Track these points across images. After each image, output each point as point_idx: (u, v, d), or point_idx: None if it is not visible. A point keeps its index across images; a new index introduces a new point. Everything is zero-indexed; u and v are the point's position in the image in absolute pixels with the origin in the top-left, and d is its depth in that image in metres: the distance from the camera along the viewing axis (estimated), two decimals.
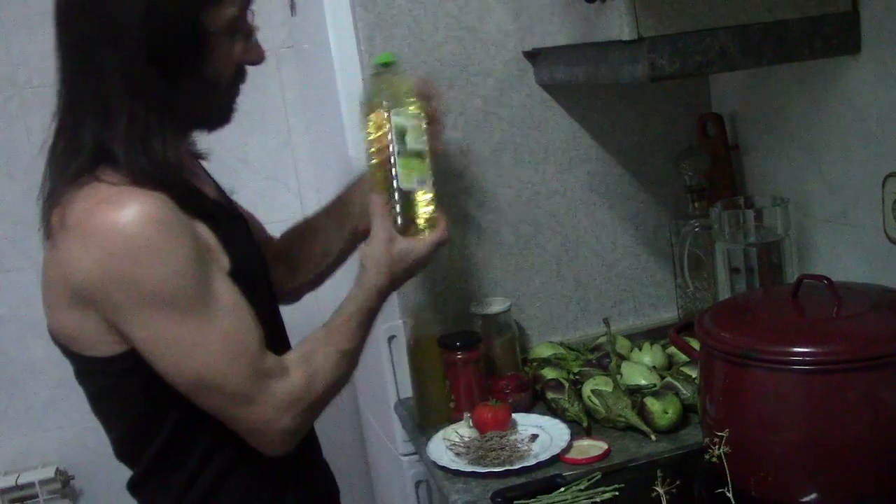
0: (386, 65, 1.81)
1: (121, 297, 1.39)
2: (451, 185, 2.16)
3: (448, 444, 1.84)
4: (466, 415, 1.88)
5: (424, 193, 1.76)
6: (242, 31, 1.51)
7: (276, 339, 1.65)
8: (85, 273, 1.38)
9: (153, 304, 1.39)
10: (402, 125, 1.74)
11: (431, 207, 1.76)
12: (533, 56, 2.16)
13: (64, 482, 2.84)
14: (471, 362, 1.96)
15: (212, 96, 1.52)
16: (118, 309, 1.40)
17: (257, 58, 1.55)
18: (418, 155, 1.77)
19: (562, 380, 1.95)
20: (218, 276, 1.46)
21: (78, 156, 1.44)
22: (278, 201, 2.86)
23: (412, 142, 1.76)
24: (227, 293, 1.46)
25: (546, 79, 2.14)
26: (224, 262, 1.50)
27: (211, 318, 1.43)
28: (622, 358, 2.01)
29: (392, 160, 1.75)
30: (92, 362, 1.48)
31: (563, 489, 1.62)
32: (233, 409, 1.47)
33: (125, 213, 1.36)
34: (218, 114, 1.57)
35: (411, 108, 1.77)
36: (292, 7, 1.78)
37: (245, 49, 1.52)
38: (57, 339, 1.52)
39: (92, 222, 1.38)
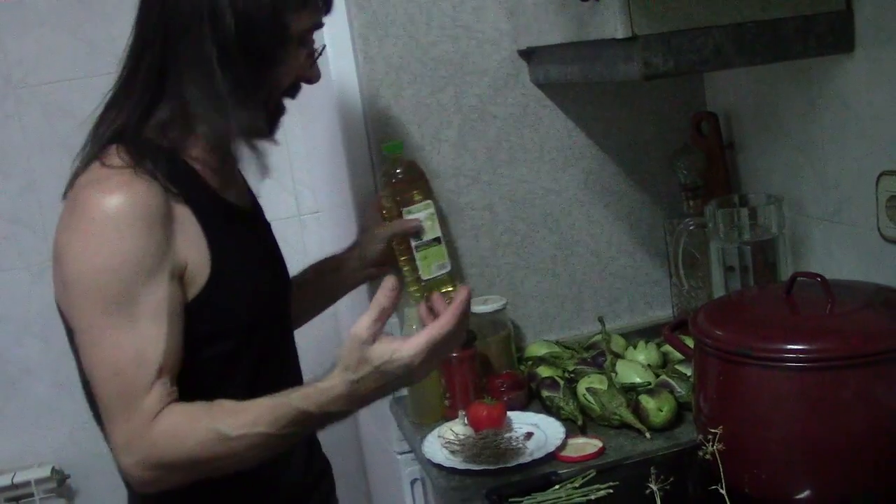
0: (392, 150, 2.01)
1: (67, 271, 1.43)
2: (447, 183, 2.16)
3: (443, 442, 1.84)
4: (461, 413, 1.89)
5: (444, 276, 2.01)
6: (309, 44, 1.58)
7: (283, 361, 1.70)
8: (56, 243, 1.46)
9: (84, 289, 1.42)
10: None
11: (450, 287, 1.99)
12: (527, 55, 2.16)
13: (60, 481, 2.84)
14: (466, 360, 1.96)
15: (267, 99, 1.56)
16: (65, 283, 1.45)
17: (315, 77, 1.61)
18: (436, 241, 2.01)
19: (557, 378, 1.95)
20: (158, 288, 1.43)
21: (112, 127, 1.52)
22: (274, 199, 2.87)
23: (428, 233, 1.99)
24: (154, 308, 1.43)
25: (541, 77, 2.14)
26: (197, 264, 1.49)
27: (121, 326, 1.41)
28: (617, 356, 2.01)
29: (413, 255, 2.00)
30: (71, 333, 1.51)
31: (557, 486, 1.62)
32: (103, 415, 1.45)
33: (99, 198, 1.42)
34: (262, 123, 1.56)
35: (419, 202, 2.00)
36: None
37: (307, 64, 1.59)
38: (58, 307, 1.54)
39: (75, 199, 1.46)
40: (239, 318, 1.56)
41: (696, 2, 1.65)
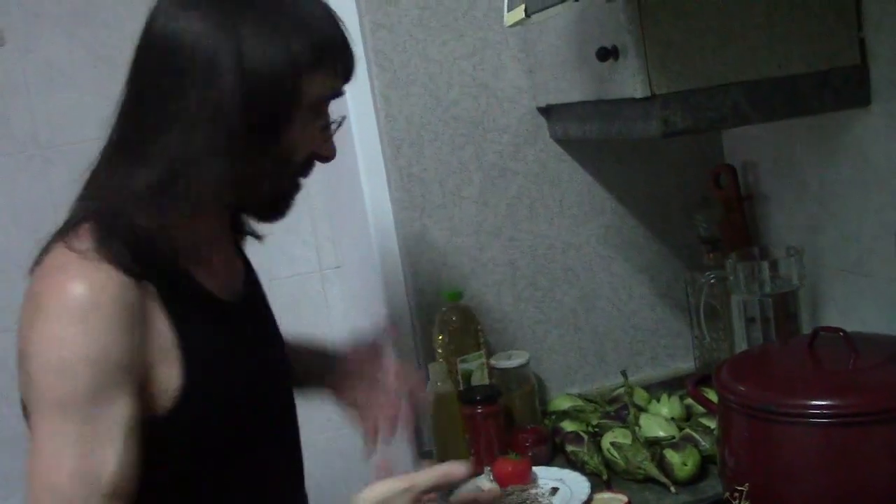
0: (452, 297, 2.11)
1: (29, 365, 1.25)
2: (469, 240, 2.18)
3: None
4: (487, 468, 1.89)
5: None
6: (324, 116, 1.39)
7: (285, 462, 1.54)
8: (19, 335, 1.28)
9: (36, 389, 1.24)
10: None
11: None
12: (547, 112, 2.19)
13: None
14: (491, 416, 1.96)
15: (279, 171, 1.37)
16: (25, 378, 1.27)
17: (329, 153, 1.41)
18: None
19: (581, 432, 1.95)
20: (117, 401, 1.23)
21: (93, 198, 1.35)
22: (294, 254, 2.88)
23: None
24: (109, 425, 1.23)
25: (560, 134, 2.17)
26: (165, 369, 1.30)
27: (68, 434, 1.21)
28: (640, 409, 2.02)
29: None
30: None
31: None
32: None
33: (79, 283, 1.23)
34: (275, 200, 1.42)
35: (473, 352, 2.10)
36: None
37: (322, 138, 1.39)
38: (24, 415, 1.34)
39: (36, 287, 1.29)
40: (214, 437, 1.37)
41: (714, 60, 1.68)
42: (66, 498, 1.20)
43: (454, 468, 1.29)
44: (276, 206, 1.42)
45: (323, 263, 2.96)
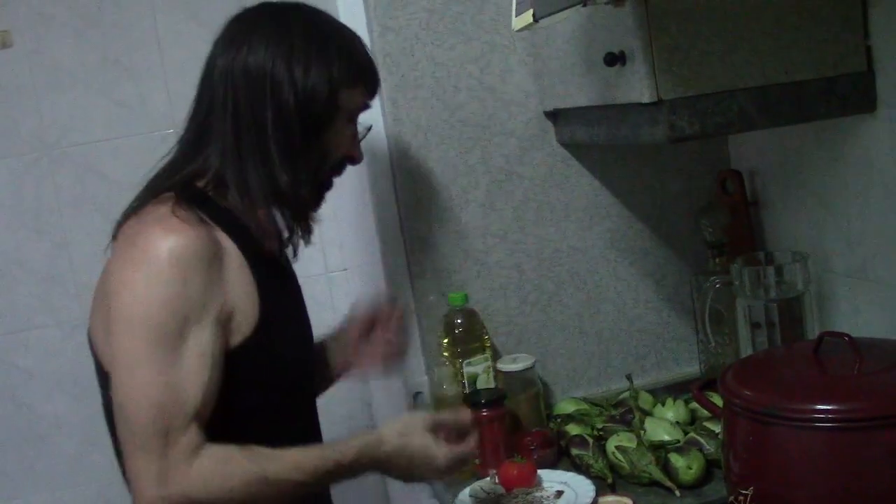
0: (456, 301, 2.13)
1: (121, 304, 1.47)
2: (475, 243, 2.19)
3: (474, 501, 1.85)
4: (492, 472, 1.89)
5: None
6: (355, 123, 1.68)
7: (309, 416, 1.75)
8: (111, 277, 1.52)
9: (136, 322, 1.46)
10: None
11: None
12: (554, 116, 2.19)
13: None
14: (496, 419, 1.97)
15: (318, 167, 1.64)
16: (115, 317, 1.48)
17: (358, 156, 1.70)
18: None
19: (586, 436, 1.96)
20: (204, 332, 1.48)
21: (170, 180, 1.60)
22: (303, 256, 2.88)
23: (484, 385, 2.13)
24: (199, 350, 1.47)
25: (567, 138, 2.17)
26: (245, 311, 1.55)
27: (165, 361, 1.44)
28: (645, 413, 2.02)
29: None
30: (101, 373, 1.57)
31: None
32: (129, 447, 1.45)
33: (159, 237, 1.47)
34: (313, 192, 1.65)
35: (479, 355, 2.13)
36: None
37: (352, 143, 1.67)
38: (90, 342, 1.61)
39: (134, 237, 1.52)
40: (281, 370, 1.62)
41: (721, 66, 1.68)
42: (169, 414, 1.43)
43: (463, 412, 1.67)
44: (313, 197, 1.66)
45: (329, 266, 2.96)
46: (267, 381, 1.59)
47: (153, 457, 1.43)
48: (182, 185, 1.58)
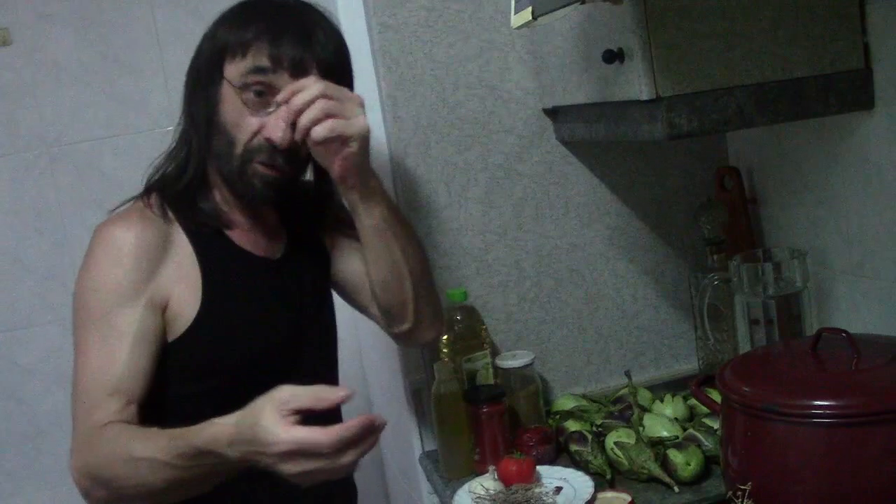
0: (456, 297, 2.11)
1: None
2: (475, 240, 2.19)
3: (473, 497, 1.85)
4: (491, 468, 1.90)
5: None
6: (254, 90, 1.61)
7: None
8: None
9: (76, 306, 1.60)
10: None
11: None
12: (553, 113, 2.20)
13: None
14: (495, 415, 1.97)
15: (230, 151, 1.64)
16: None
17: (270, 133, 1.61)
18: None
19: (585, 432, 1.97)
20: (130, 315, 1.56)
21: (156, 176, 1.71)
22: None
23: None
24: (123, 331, 1.55)
25: (566, 136, 2.18)
26: (184, 301, 1.62)
27: (93, 343, 1.55)
28: (644, 410, 2.03)
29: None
30: None
31: None
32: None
33: (112, 229, 1.61)
34: (239, 181, 1.65)
35: (478, 351, 2.12)
36: None
37: (257, 112, 1.62)
38: None
39: (96, 230, 1.63)
40: (222, 362, 1.66)
41: (719, 63, 1.69)
42: (88, 391, 1.53)
43: (325, 391, 1.33)
44: (243, 186, 1.65)
45: None
46: (210, 368, 1.65)
47: (75, 431, 1.53)
48: (166, 180, 1.69)
